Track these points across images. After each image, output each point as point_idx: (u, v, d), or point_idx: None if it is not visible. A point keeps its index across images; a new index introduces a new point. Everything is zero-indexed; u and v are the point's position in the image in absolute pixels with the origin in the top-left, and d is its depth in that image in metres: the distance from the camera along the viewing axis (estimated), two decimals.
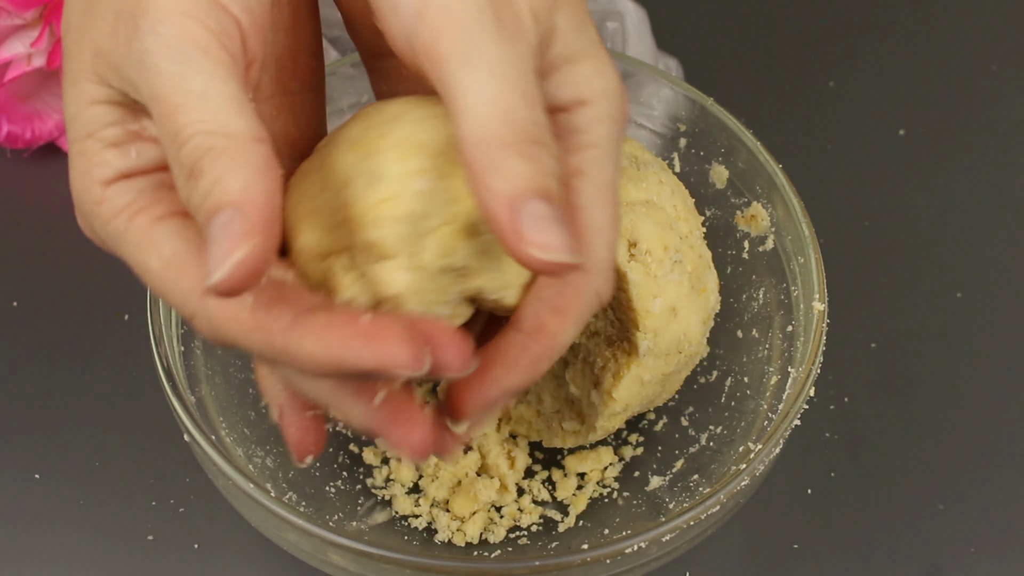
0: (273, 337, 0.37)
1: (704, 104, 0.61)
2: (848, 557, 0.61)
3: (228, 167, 0.36)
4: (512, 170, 0.36)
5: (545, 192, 0.37)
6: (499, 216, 0.36)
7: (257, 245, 0.35)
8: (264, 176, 0.36)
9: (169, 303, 0.40)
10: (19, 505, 0.61)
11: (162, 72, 0.37)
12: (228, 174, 0.36)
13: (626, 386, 0.54)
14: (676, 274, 0.53)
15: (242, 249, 0.35)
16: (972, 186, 0.75)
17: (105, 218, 0.40)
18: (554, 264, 0.37)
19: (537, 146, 0.37)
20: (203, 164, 0.36)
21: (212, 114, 0.37)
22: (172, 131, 0.37)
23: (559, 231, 0.37)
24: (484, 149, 0.37)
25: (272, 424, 0.58)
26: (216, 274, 0.35)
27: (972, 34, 0.83)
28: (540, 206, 0.37)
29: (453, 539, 0.58)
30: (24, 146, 0.72)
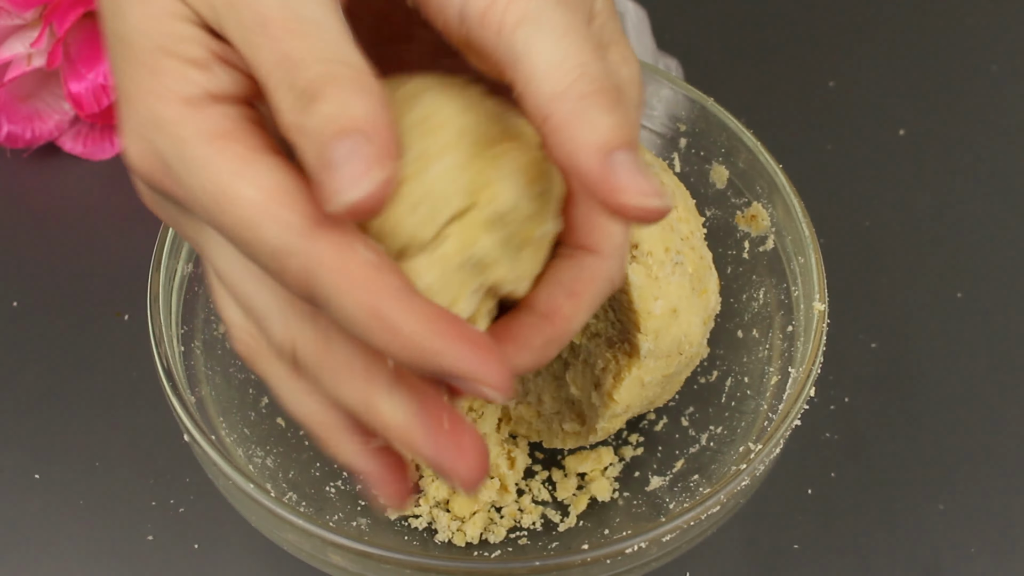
0: (380, 298, 0.35)
1: (704, 104, 0.61)
2: (848, 557, 0.61)
3: (353, 93, 0.35)
4: (599, 120, 0.36)
5: (631, 142, 0.36)
6: (589, 167, 0.36)
7: (391, 170, 0.34)
8: (386, 108, 0.35)
9: (257, 239, 0.36)
10: (19, 505, 0.61)
11: (271, 6, 0.35)
12: (353, 100, 0.35)
13: (627, 387, 0.54)
14: (677, 275, 0.52)
15: (382, 170, 0.34)
16: (972, 186, 0.75)
17: (188, 139, 0.36)
18: (650, 209, 0.36)
19: (617, 95, 0.37)
20: (327, 89, 0.34)
21: (329, 43, 0.35)
22: (285, 54, 0.35)
23: (650, 178, 0.36)
24: (566, 101, 0.36)
25: (272, 424, 0.58)
26: (352, 192, 0.34)
27: (972, 34, 0.83)
28: (628, 156, 0.36)
29: (453, 539, 0.58)
30: (24, 146, 0.72)
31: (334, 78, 0.35)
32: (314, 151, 0.34)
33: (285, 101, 0.35)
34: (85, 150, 0.73)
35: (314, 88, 0.35)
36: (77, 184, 0.72)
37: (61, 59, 0.69)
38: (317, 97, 0.35)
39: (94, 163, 0.73)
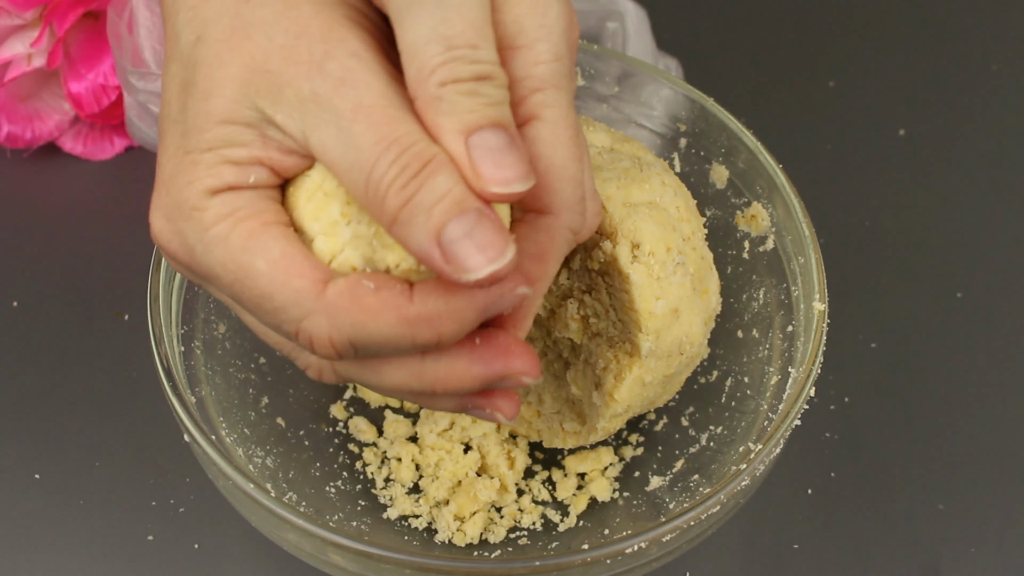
0: (405, 311, 0.39)
1: (704, 104, 0.61)
2: (848, 557, 0.61)
3: (455, 174, 0.38)
4: (459, 104, 0.38)
5: (494, 121, 0.38)
6: (454, 152, 0.38)
7: (514, 251, 0.38)
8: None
9: (274, 307, 0.40)
10: (19, 505, 0.61)
11: (372, 88, 0.38)
12: (458, 182, 0.38)
13: (628, 387, 0.54)
14: (678, 276, 0.52)
15: (510, 248, 0.38)
16: (972, 186, 0.75)
17: (207, 223, 0.40)
18: (506, 196, 0.38)
19: (481, 81, 0.38)
20: (435, 165, 0.38)
21: (418, 128, 0.38)
22: (390, 137, 0.38)
23: (513, 159, 0.38)
24: (427, 86, 0.38)
25: (272, 424, 0.58)
26: (482, 270, 0.37)
27: (972, 34, 0.83)
28: (491, 135, 0.38)
29: (453, 539, 0.58)
30: (24, 146, 0.72)
31: (435, 157, 0.38)
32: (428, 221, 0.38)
33: (388, 177, 0.38)
34: (85, 150, 0.73)
35: (419, 163, 0.38)
36: (77, 184, 0.72)
37: (61, 59, 0.69)
38: (425, 171, 0.38)
39: (94, 163, 0.73)
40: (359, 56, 0.39)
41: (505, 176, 0.38)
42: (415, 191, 0.38)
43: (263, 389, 0.59)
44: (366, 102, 0.38)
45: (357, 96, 0.38)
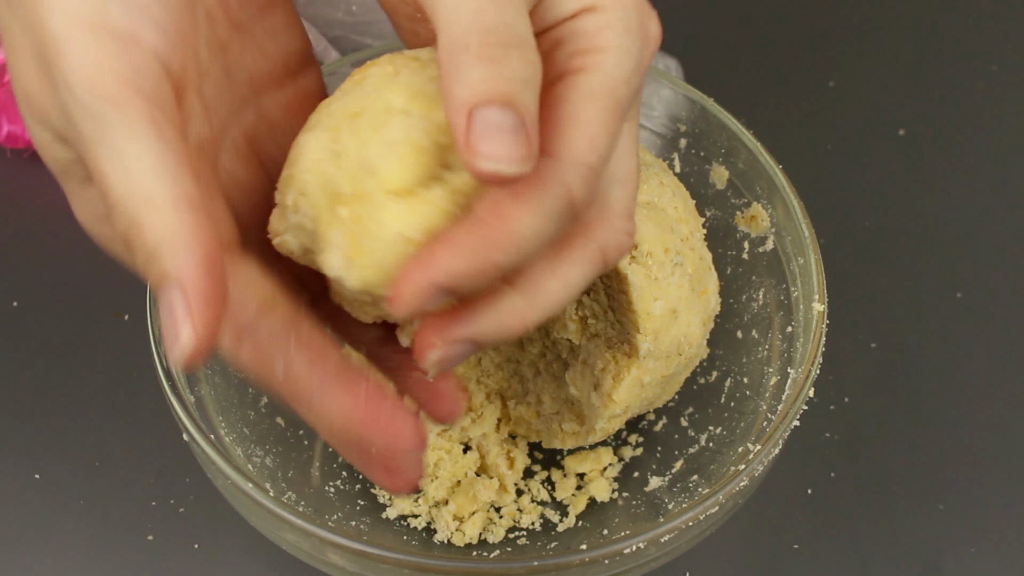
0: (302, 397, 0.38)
1: (704, 104, 0.61)
2: (848, 557, 0.61)
3: (152, 242, 0.35)
4: (471, 74, 0.35)
5: (505, 98, 0.35)
6: (455, 123, 0.35)
7: (199, 325, 0.35)
8: (191, 246, 0.35)
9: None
10: (19, 505, 0.61)
11: (83, 134, 0.36)
12: (157, 250, 0.35)
13: (626, 388, 0.54)
14: (677, 276, 0.52)
15: (186, 332, 0.35)
16: (972, 186, 0.75)
17: (118, 250, 0.41)
18: (496, 175, 0.35)
19: (505, 48, 0.35)
20: (131, 237, 0.36)
21: (131, 180, 0.36)
22: (103, 194, 0.36)
23: (512, 140, 0.35)
24: (450, 55, 0.36)
25: (271, 423, 0.58)
26: (171, 355, 0.36)
27: (972, 34, 0.83)
28: (496, 112, 0.35)
29: (452, 539, 0.58)
30: (24, 146, 0.72)
31: (134, 223, 0.36)
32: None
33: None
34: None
35: (123, 232, 0.36)
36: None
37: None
38: (127, 244, 0.36)
39: None
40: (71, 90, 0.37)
41: (496, 152, 0.34)
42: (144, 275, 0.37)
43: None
44: (84, 149, 0.37)
45: (80, 141, 0.37)
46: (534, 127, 0.35)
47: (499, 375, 0.62)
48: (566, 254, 0.39)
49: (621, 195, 0.41)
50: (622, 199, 0.41)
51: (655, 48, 0.41)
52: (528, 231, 0.37)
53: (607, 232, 0.40)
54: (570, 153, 0.37)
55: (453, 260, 0.36)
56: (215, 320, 0.36)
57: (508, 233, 0.36)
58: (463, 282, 0.36)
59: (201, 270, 0.35)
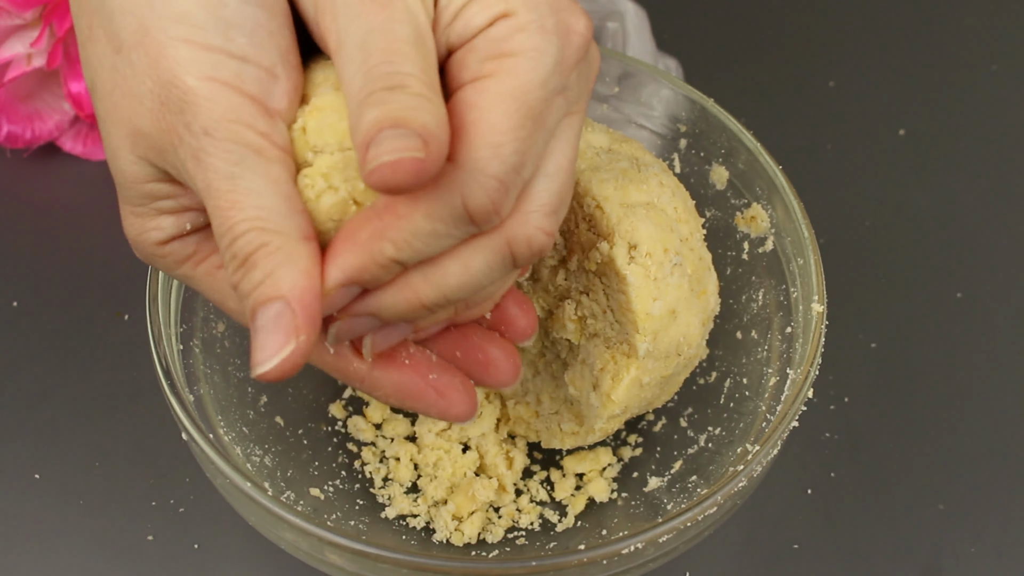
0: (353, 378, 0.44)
1: (704, 105, 0.61)
2: (848, 557, 0.61)
3: (280, 263, 0.39)
4: (363, 119, 0.37)
5: (394, 121, 0.36)
6: (359, 161, 0.37)
7: (303, 342, 0.39)
8: (310, 276, 0.39)
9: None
10: (19, 505, 0.61)
11: (219, 171, 0.39)
12: (279, 269, 0.39)
13: (625, 388, 0.54)
14: (676, 276, 0.52)
15: (291, 345, 0.39)
16: (972, 186, 0.75)
17: (171, 267, 0.45)
18: (381, 168, 0.36)
19: (389, 91, 0.37)
20: (257, 257, 0.39)
21: (267, 211, 0.39)
22: (227, 224, 0.39)
23: (396, 141, 0.36)
24: (351, 110, 0.38)
25: (271, 423, 0.58)
26: (264, 366, 0.39)
27: (972, 34, 0.83)
28: (387, 132, 0.36)
29: (451, 539, 0.58)
30: (24, 146, 0.72)
31: (264, 246, 0.39)
32: (247, 310, 0.40)
33: (228, 264, 0.40)
34: (85, 150, 0.73)
35: (245, 253, 0.39)
36: (77, 184, 0.72)
37: (61, 59, 0.69)
38: (248, 263, 0.39)
39: (94, 163, 0.73)
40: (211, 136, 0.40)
41: (381, 151, 0.36)
42: (246, 289, 0.40)
43: (262, 388, 0.59)
44: (213, 184, 0.40)
45: (205, 177, 0.40)
46: (430, 133, 0.37)
47: None
48: (471, 241, 0.40)
49: (544, 188, 0.41)
50: (544, 192, 0.41)
51: (581, 43, 0.41)
52: (418, 230, 0.39)
53: (517, 225, 0.41)
54: (471, 161, 0.38)
55: (348, 256, 0.39)
56: (314, 340, 0.40)
57: (398, 228, 0.39)
58: (361, 276, 0.40)
59: (313, 300, 0.39)
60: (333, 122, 0.41)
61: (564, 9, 0.41)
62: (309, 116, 0.41)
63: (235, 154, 0.39)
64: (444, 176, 0.38)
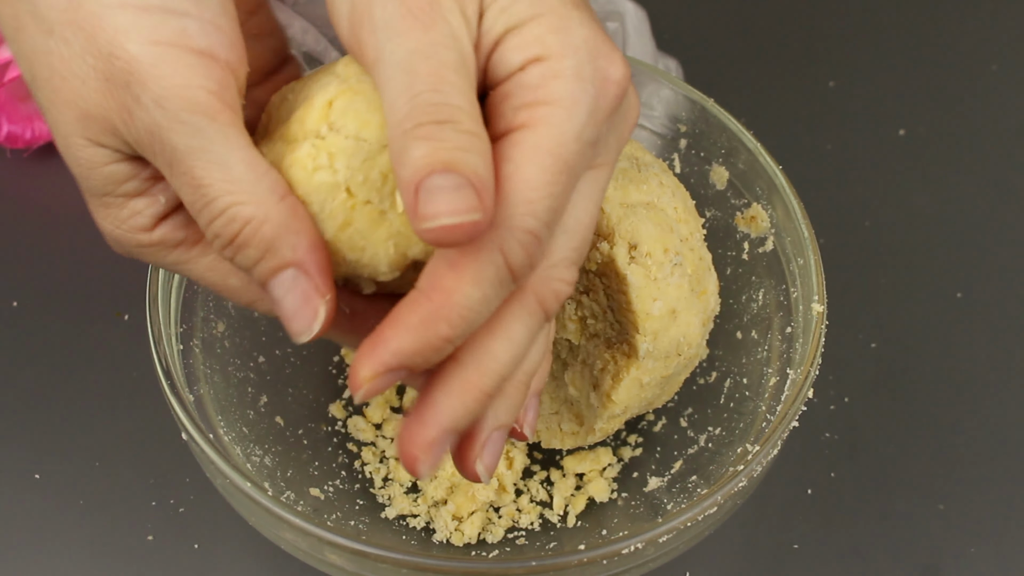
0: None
1: (704, 105, 0.61)
2: (848, 557, 0.61)
3: (272, 235, 0.39)
4: (412, 155, 0.36)
5: (446, 164, 0.36)
6: (406, 203, 0.36)
7: (330, 300, 0.39)
8: (300, 231, 0.39)
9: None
10: (19, 505, 0.61)
11: (177, 147, 0.38)
12: (275, 242, 0.39)
13: (625, 388, 0.54)
14: (676, 276, 0.52)
15: (321, 306, 0.39)
16: (972, 186, 0.75)
17: (162, 255, 0.43)
18: (439, 229, 0.36)
19: (439, 125, 0.36)
20: (246, 235, 0.39)
21: (238, 183, 0.39)
22: (202, 203, 0.39)
23: (453, 195, 0.36)
24: (395, 140, 0.37)
25: (271, 423, 0.58)
26: (305, 334, 0.39)
27: (972, 34, 0.83)
28: (438, 177, 0.36)
29: (451, 539, 0.58)
30: (24, 146, 0.72)
31: (248, 222, 0.39)
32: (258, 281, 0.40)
33: (213, 241, 0.40)
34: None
35: (229, 232, 0.39)
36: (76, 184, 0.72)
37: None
38: (238, 243, 0.39)
39: None
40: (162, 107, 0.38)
41: (438, 209, 0.35)
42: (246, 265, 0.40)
43: (262, 388, 0.59)
44: (175, 162, 0.39)
45: (165, 154, 0.39)
46: (483, 182, 0.36)
47: None
48: (506, 311, 0.39)
49: (565, 244, 0.40)
50: (565, 248, 0.40)
51: (618, 92, 0.40)
52: (469, 300, 0.37)
53: (542, 282, 0.40)
54: (508, 218, 0.37)
55: (401, 341, 0.38)
56: (334, 297, 0.40)
57: (450, 305, 0.37)
58: (414, 360, 0.38)
59: (318, 252, 0.39)
60: (361, 110, 0.40)
61: (603, 56, 0.39)
62: (341, 94, 0.40)
63: (191, 125, 0.38)
64: (482, 237, 0.37)
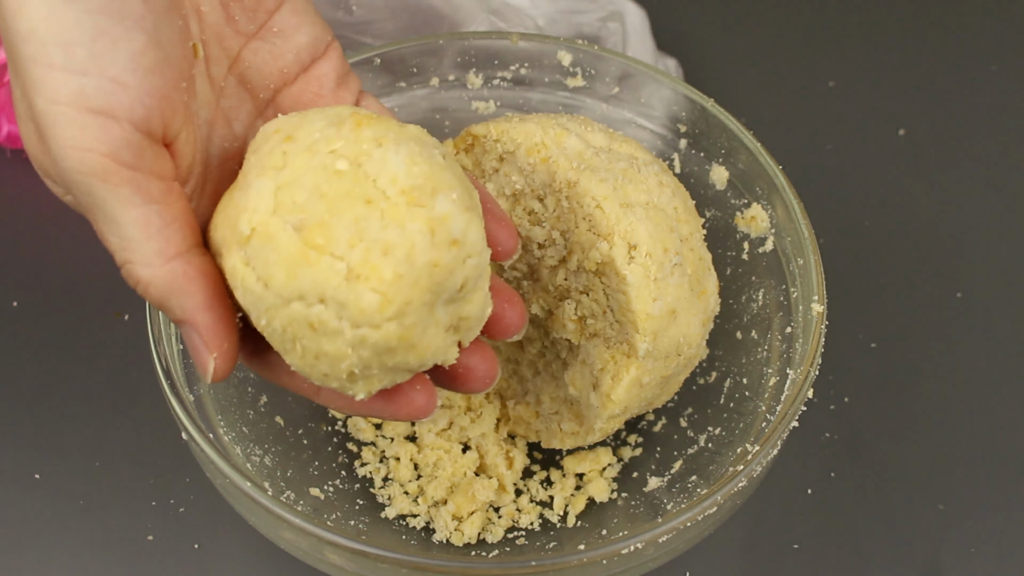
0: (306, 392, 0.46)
1: (704, 105, 0.61)
2: (848, 557, 0.61)
3: (157, 295, 0.41)
4: None
5: None
6: None
7: (217, 358, 0.42)
8: (188, 293, 0.41)
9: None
10: (19, 505, 0.61)
11: (81, 204, 0.41)
12: (164, 301, 0.42)
13: (625, 388, 0.54)
14: (676, 276, 0.52)
15: (210, 361, 0.42)
16: (972, 186, 0.75)
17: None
18: None
19: None
20: (142, 291, 0.42)
21: (128, 242, 0.41)
22: (111, 252, 0.41)
23: None
24: None
25: (271, 423, 0.58)
26: (205, 377, 0.43)
27: (972, 34, 0.83)
28: None
29: (451, 539, 0.58)
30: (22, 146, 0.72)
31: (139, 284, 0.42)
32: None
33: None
34: None
35: (134, 285, 0.42)
36: None
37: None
38: (146, 295, 0.42)
39: None
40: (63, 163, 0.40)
41: None
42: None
43: (262, 388, 0.59)
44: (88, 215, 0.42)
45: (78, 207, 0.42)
46: None
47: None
48: None
49: None
50: None
51: None
52: None
53: None
54: None
55: None
56: (231, 348, 0.42)
57: None
58: None
59: (207, 312, 0.42)
60: (270, 261, 0.41)
61: None
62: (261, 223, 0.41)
63: (84, 185, 0.40)
64: None
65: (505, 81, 0.63)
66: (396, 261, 0.40)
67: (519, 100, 0.64)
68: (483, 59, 0.62)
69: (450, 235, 0.41)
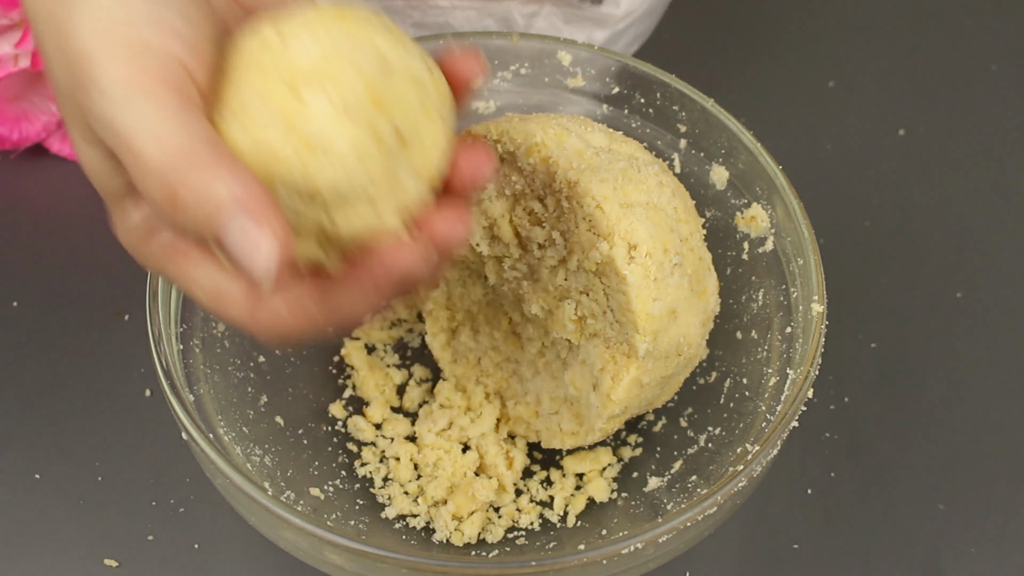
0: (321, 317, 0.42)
1: (704, 105, 0.61)
2: (848, 557, 0.61)
3: (202, 180, 0.39)
4: None
5: None
6: None
7: (277, 231, 0.38)
8: (235, 170, 0.39)
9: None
10: (19, 505, 0.61)
11: (116, 128, 0.39)
12: (209, 185, 0.38)
13: (625, 388, 0.54)
14: (676, 276, 0.52)
15: (268, 240, 0.38)
16: (972, 186, 0.75)
17: (150, 262, 0.44)
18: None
19: None
20: (180, 192, 0.39)
21: (165, 148, 0.39)
22: (141, 175, 0.39)
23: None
24: None
25: (271, 423, 0.58)
26: (266, 281, 0.39)
27: (972, 34, 0.83)
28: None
29: (451, 539, 0.58)
30: (11, 147, 0.72)
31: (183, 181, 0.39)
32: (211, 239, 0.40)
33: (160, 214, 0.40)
34: (72, 151, 0.73)
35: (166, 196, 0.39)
36: (67, 185, 0.72)
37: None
38: (175, 202, 0.39)
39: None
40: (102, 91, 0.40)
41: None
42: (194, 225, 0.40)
43: (262, 387, 0.59)
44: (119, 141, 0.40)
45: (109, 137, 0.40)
46: None
47: (498, 375, 0.62)
48: None
49: None
50: None
51: None
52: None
53: None
54: None
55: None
56: (283, 225, 0.39)
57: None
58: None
59: (254, 185, 0.39)
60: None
61: None
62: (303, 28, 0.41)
63: (126, 101, 0.39)
64: None
65: (505, 81, 0.63)
66: None
67: (519, 100, 0.64)
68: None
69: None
